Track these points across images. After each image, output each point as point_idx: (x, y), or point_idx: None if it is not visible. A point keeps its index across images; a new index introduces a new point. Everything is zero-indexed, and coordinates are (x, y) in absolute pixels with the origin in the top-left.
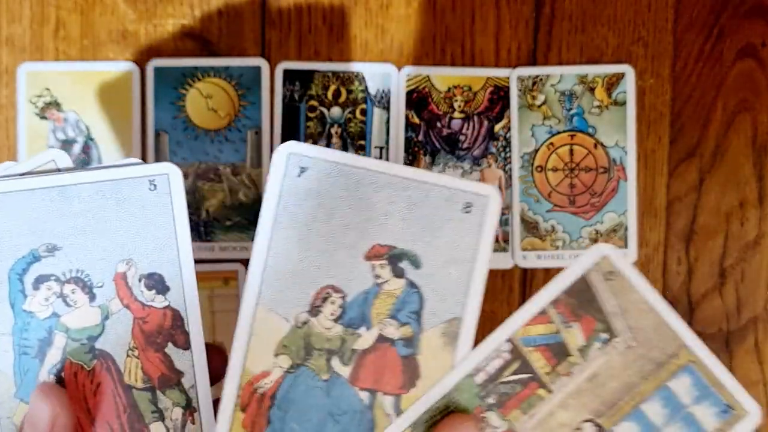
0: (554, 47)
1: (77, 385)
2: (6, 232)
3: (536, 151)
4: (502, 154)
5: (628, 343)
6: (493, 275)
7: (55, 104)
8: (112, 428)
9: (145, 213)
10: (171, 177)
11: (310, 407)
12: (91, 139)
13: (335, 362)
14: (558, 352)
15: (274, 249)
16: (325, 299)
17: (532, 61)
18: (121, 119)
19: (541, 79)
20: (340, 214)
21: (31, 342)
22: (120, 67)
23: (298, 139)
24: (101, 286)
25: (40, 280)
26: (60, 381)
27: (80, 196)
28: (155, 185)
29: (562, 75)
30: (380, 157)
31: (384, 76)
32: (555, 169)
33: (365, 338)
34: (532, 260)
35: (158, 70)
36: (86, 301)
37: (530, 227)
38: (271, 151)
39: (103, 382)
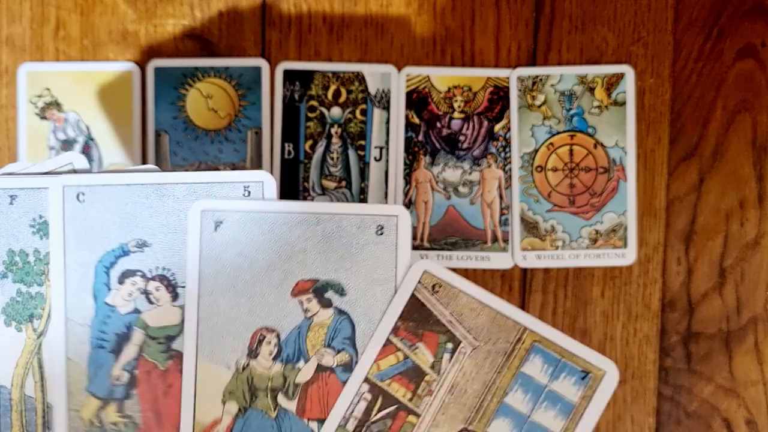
0: (554, 47)
1: (149, 384)
2: (98, 224)
3: (536, 151)
4: (502, 154)
5: (473, 344)
6: (493, 275)
7: (56, 104)
8: (177, 430)
9: None
10: (265, 185)
11: None
12: (92, 140)
13: (281, 398)
14: (413, 375)
15: (203, 303)
16: (260, 341)
17: (532, 61)
18: (121, 119)
19: (541, 79)
20: (261, 258)
21: (109, 336)
22: (120, 67)
23: (297, 138)
24: (185, 286)
25: (126, 275)
26: (133, 378)
27: (175, 195)
28: (249, 192)
29: (562, 75)
30: (380, 158)
31: (384, 76)
32: (555, 169)
33: (305, 371)
34: (532, 260)
35: (158, 71)
36: (169, 300)
37: (530, 227)
38: (272, 151)
39: (175, 383)
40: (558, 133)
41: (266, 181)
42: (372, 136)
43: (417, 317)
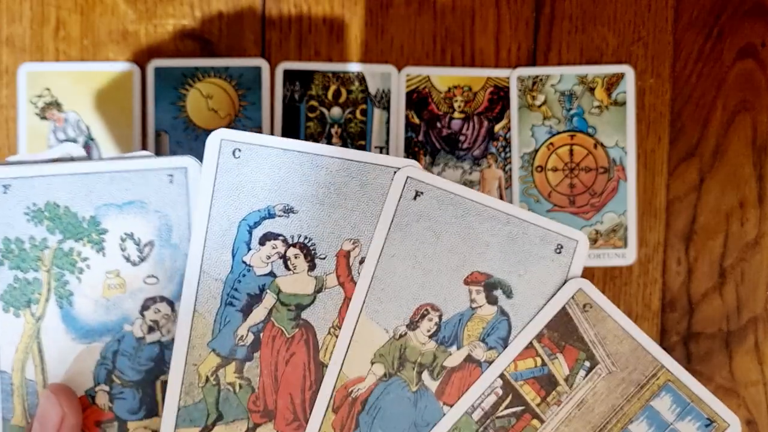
0: (554, 47)
1: (272, 349)
2: (250, 184)
3: (536, 151)
4: (502, 154)
5: (610, 369)
6: None
7: (56, 104)
8: (293, 401)
9: (383, 200)
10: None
11: (397, 415)
12: (92, 140)
13: (425, 375)
14: (546, 383)
15: (382, 263)
16: (423, 316)
17: (532, 62)
18: (121, 119)
19: (541, 80)
20: (447, 239)
21: (241, 295)
22: (120, 67)
23: (297, 138)
24: (324, 258)
25: (268, 237)
26: (257, 340)
27: (328, 168)
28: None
29: (562, 75)
30: None
31: (384, 76)
32: (555, 169)
33: (455, 356)
34: None
35: (158, 71)
36: (305, 268)
37: None
38: None
39: (298, 352)
40: (558, 133)
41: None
42: (372, 136)
43: (562, 330)
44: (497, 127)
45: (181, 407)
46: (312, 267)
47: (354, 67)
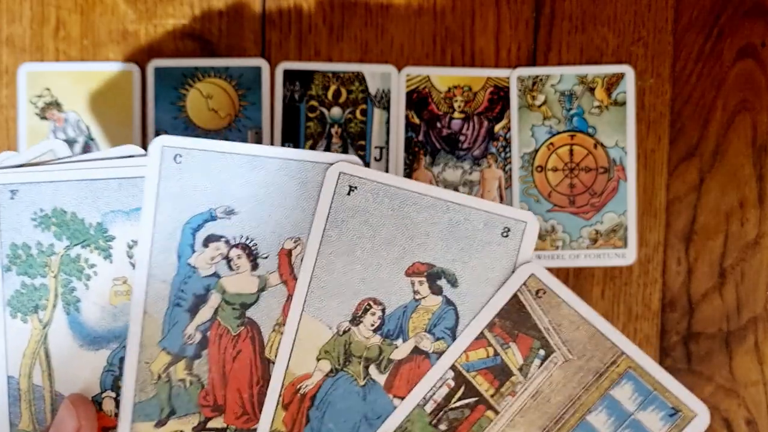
0: (554, 47)
1: (219, 347)
2: (191, 188)
3: (536, 151)
4: (502, 154)
5: (566, 357)
6: None
7: (56, 104)
8: (242, 396)
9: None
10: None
11: (346, 409)
12: (92, 140)
13: (372, 369)
14: (500, 373)
15: (321, 261)
16: (366, 310)
17: (532, 62)
18: (121, 119)
19: (541, 80)
20: (385, 232)
21: (187, 295)
22: (120, 67)
23: (297, 138)
24: (266, 258)
25: (210, 239)
26: (205, 339)
27: (267, 168)
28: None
29: (562, 75)
30: (380, 158)
31: (384, 76)
32: (555, 169)
33: (401, 349)
34: None
35: (158, 71)
36: (248, 268)
37: None
38: None
39: (244, 350)
40: (558, 133)
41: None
42: (372, 136)
43: (515, 318)
44: (497, 127)
45: (136, 403)
46: (255, 266)
47: (354, 67)
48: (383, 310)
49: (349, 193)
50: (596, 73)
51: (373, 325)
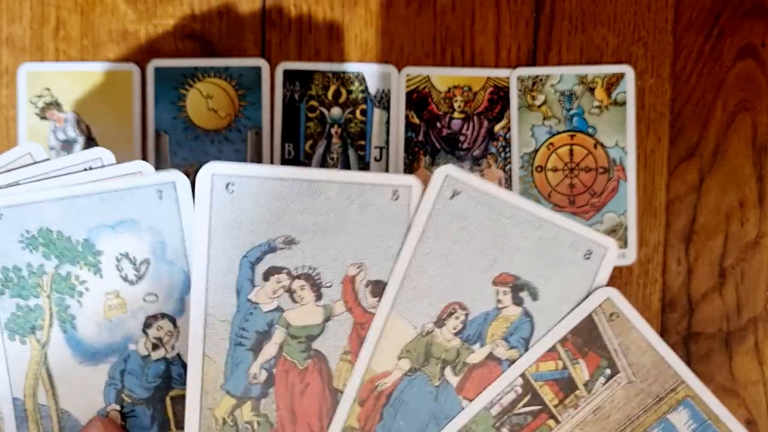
0: (554, 47)
1: (287, 383)
2: (247, 218)
3: (536, 151)
4: (502, 154)
5: (630, 379)
6: None
7: (56, 104)
8: (312, 429)
9: (383, 221)
10: (413, 189)
11: (418, 409)
12: (92, 140)
13: (448, 371)
14: (565, 386)
15: (415, 261)
16: (451, 314)
17: (532, 62)
18: (121, 119)
19: (541, 80)
20: (480, 240)
21: (249, 333)
22: (120, 67)
23: (298, 139)
24: (329, 286)
25: (271, 272)
26: (271, 376)
27: (326, 193)
28: (398, 196)
29: (562, 75)
30: (380, 158)
31: (384, 76)
32: (555, 169)
33: (477, 354)
34: None
35: (158, 71)
36: (313, 299)
37: None
38: (272, 151)
39: (312, 383)
40: (558, 133)
41: (414, 186)
42: (372, 136)
43: (586, 336)
44: (497, 127)
45: None
46: (319, 297)
47: (354, 67)
48: (467, 315)
49: (452, 198)
50: (596, 73)
51: (455, 329)
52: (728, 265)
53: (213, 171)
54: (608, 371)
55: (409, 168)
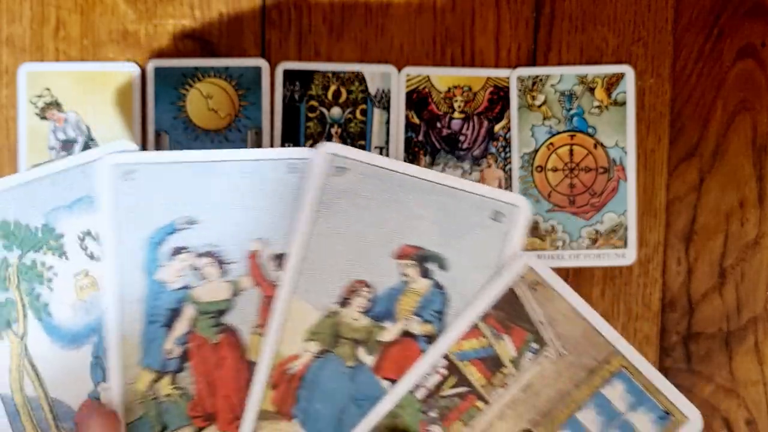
0: (554, 47)
1: (201, 357)
2: (148, 202)
3: (536, 151)
4: (502, 154)
5: (559, 352)
6: None
7: (56, 104)
8: (231, 402)
9: (282, 196)
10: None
11: (334, 391)
12: (92, 140)
13: (361, 351)
14: (492, 364)
15: (309, 243)
16: (353, 292)
17: (532, 62)
18: (121, 119)
19: (541, 80)
20: (374, 214)
21: (160, 311)
22: (120, 67)
23: (298, 139)
24: (234, 263)
25: (175, 251)
26: (185, 352)
27: (222, 172)
28: (295, 168)
29: (562, 75)
30: None
31: (384, 76)
32: (555, 169)
33: (390, 331)
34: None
35: (158, 71)
36: (218, 275)
37: (530, 227)
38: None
39: (226, 356)
40: (558, 133)
41: (310, 159)
42: (372, 136)
43: (509, 310)
44: (497, 127)
45: (127, 424)
46: (224, 272)
47: (354, 67)
48: (372, 293)
49: (337, 174)
50: (596, 73)
51: (361, 308)
52: (728, 265)
53: (112, 161)
54: (535, 345)
55: None
